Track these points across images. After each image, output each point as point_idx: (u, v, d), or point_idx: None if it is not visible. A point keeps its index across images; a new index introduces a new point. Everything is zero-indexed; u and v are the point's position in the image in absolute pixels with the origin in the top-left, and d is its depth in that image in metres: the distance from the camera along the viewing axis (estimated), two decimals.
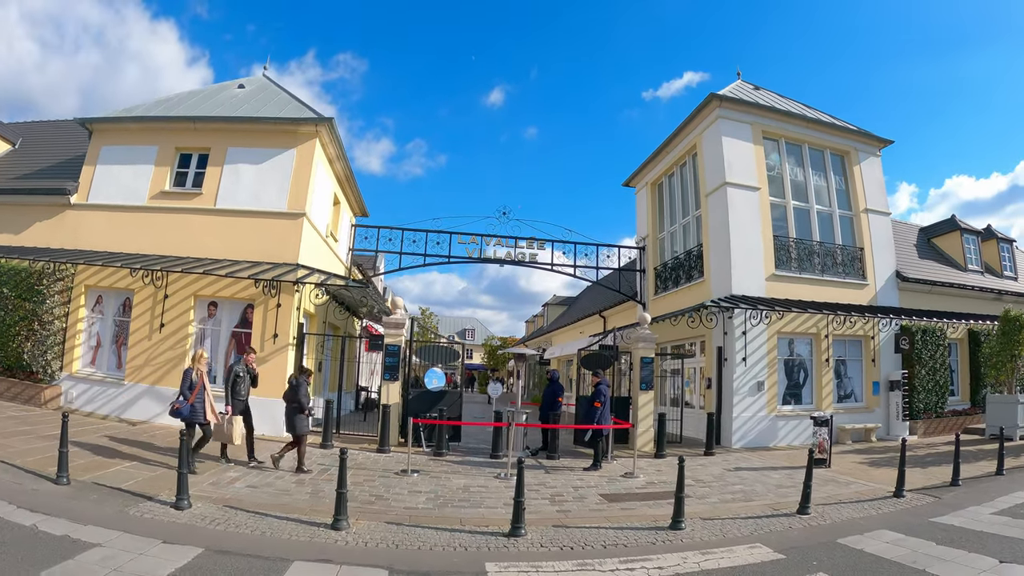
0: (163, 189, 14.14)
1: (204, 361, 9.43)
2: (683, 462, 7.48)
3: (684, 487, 7.36)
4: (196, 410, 9.04)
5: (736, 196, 14.99)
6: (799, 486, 9.59)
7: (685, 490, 7.60)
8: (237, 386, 9.68)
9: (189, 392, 9.00)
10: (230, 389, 9.57)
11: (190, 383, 9.06)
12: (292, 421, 9.70)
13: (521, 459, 6.86)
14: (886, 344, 16.11)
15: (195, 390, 9.04)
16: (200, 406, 9.10)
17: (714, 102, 15.55)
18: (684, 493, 7.34)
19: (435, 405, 12.36)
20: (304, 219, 13.40)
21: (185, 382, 9.08)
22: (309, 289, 13.28)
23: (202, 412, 9.13)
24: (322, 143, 14.45)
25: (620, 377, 15.37)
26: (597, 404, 10.50)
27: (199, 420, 9.08)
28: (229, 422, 9.40)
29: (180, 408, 8.92)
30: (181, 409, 8.91)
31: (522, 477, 6.71)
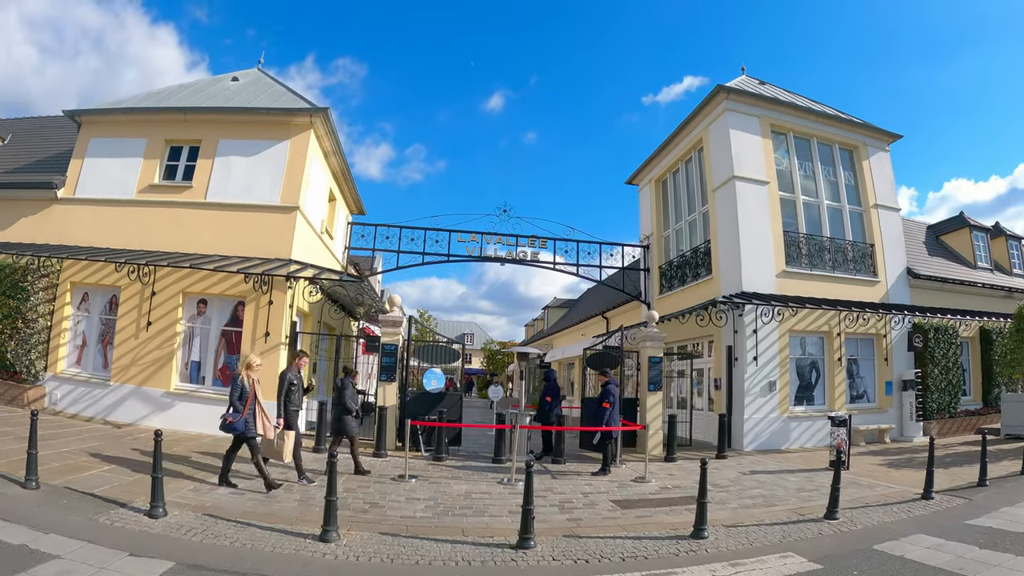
0: (152, 182, 13.49)
1: (256, 368, 8.12)
2: (705, 465, 6.84)
3: (706, 492, 6.67)
4: (249, 423, 7.82)
5: (745, 190, 14.37)
6: (820, 490, 9.16)
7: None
8: (291, 395, 8.52)
9: (241, 403, 7.76)
10: (283, 399, 8.43)
11: (240, 392, 7.82)
12: (340, 423, 9.19)
13: (530, 463, 6.17)
14: (898, 343, 15.48)
15: (247, 401, 7.83)
16: (252, 419, 7.89)
17: (721, 94, 14.96)
18: (706, 499, 6.65)
19: (434, 407, 11.65)
20: (297, 213, 12.73)
21: (235, 392, 7.81)
22: (302, 286, 12.59)
23: (255, 425, 7.93)
24: (317, 135, 13.81)
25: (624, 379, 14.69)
26: (606, 405, 9.82)
27: (251, 434, 7.85)
28: (280, 437, 8.28)
29: (234, 422, 7.64)
30: (235, 423, 7.64)
31: (531, 483, 6.03)
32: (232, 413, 7.69)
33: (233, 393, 7.81)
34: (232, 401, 7.76)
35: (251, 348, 12.00)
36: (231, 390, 7.88)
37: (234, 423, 7.66)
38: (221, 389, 12.36)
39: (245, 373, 7.95)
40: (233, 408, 7.72)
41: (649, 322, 12.77)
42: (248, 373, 7.96)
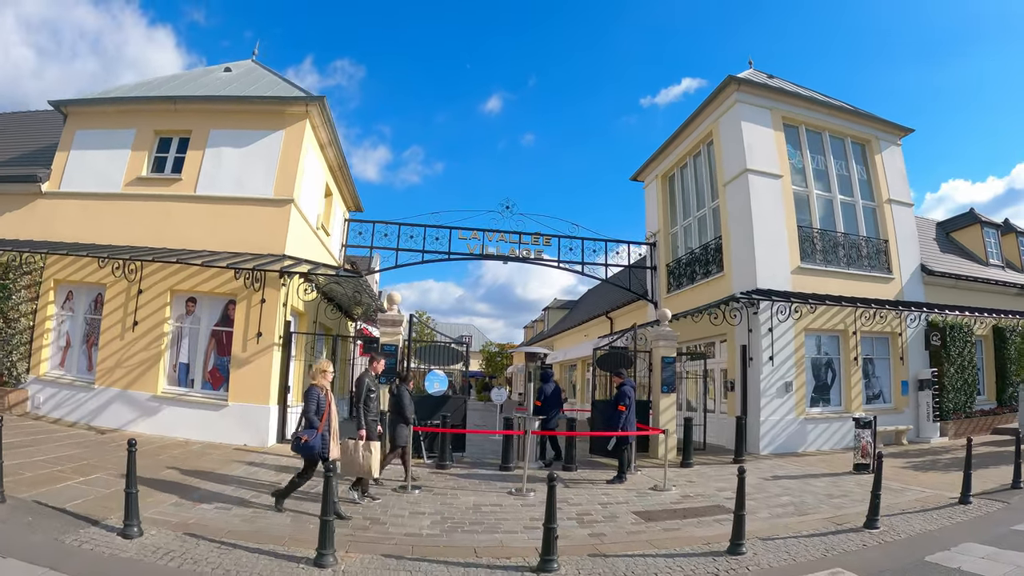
0: (140, 175, 12.72)
1: (329, 376, 6.83)
2: (744, 473, 6.11)
3: (744, 504, 5.96)
4: (325, 441, 6.57)
5: (758, 183, 13.71)
6: (851, 496, 8.59)
7: (727, 503, 6.38)
8: (369, 403, 7.47)
9: (318, 418, 6.51)
10: (363, 407, 7.33)
11: (317, 406, 6.56)
12: (394, 431, 8.45)
13: (553, 476, 5.43)
14: (913, 341, 14.85)
15: (324, 415, 6.57)
16: (328, 436, 6.64)
17: (732, 85, 14.30)
18: (744, 511, 5.95)
19: (437, 411, 10.90)
20: (292, 206, 11.98)
21: (311, 405, 6.53)
22: (296, 284, 11.86)
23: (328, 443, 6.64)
24: (312, 125, 13.07)
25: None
26: (622, 408, 9.09)
27: (325, 455, 6.56)
28: (366, 449, 7.15)
29: (311, 441, 6.41)
30: (312, 443, 6.41)
31: (554, 499, 5.29)
32: (307, 430, 6.44)
33: (310, 406, 6.52)
34: (309, 416, 6.49)
35: (242, 349, 11.25)
36: (307, 403, 6.56)
37: (311, 442, 6.40)
38: (211, 392, 11.62)
39: (320, 382, 6.68)
40: (308, 424, 6.47)
41: (661, 320, 12.07)
42: (322, 382, 6.69)
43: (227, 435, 10.96)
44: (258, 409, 11.02)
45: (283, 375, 11.46)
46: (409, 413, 8.44)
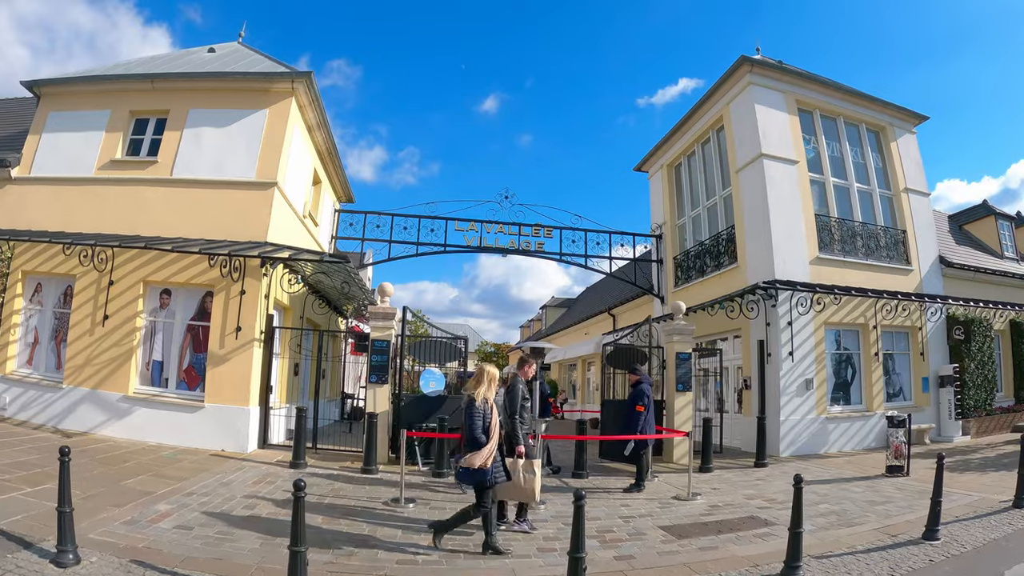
0: (113, 158, 11.58)
1: (496, 385, 5.64)
2: (801, 483, 5.08)
3: (802, 519, 4.96)
4: (497, 464, 5.42)
5: (774, 169, 12.72)
6: (894, 502, 7.70)
7: (760, 512, 5.43)
8: (524, 413, 6.31)
9: (486, 436, 5.29)
10: (518, 419, 6.14)
11: (484, 421, 5.33)
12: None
13: (580, 493, 4.38)
14: (933, 336, 13.92)
15: (492, 432, 5.35)
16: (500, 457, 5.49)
17: (745, 66, 13.32)
18: (801, 527, 4.95)
19: (433, 413, 9.82)
20: (275, 190, 10.87)
21: (476, 422, 5.29)
22: (280, 274, 10.76)
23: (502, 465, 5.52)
24: (299, 105, 11.97)
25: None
26: (640, 408, 8.04)
27: (500, 479, 5.43)
28: (528, 469, 5.87)
29: (486, 467, 5.26)
30: (485, 467, 5.25)
31: (582, 522, 4.24)
32: (475, 452, 5.25)
33: (476, 423, 5.27)
34: (476, 435, 5.26)
35: (219, 345, 10.14)
36: (471, 419, 5.29)
37: (485, 468, 5.23)
38: (186, 393, 10.51)
39: (485, 391, 5.43)
40: (475, 445, 5.26)
41: (675, 314, 11.05)
42: (485, 392, 5.44)
43: (203, 439, 9.86)
44: (237, 411, 9.91)
45: (265, 374, 10.35)
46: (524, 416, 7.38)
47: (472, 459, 5.17)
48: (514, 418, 6.10)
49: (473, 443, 5.25)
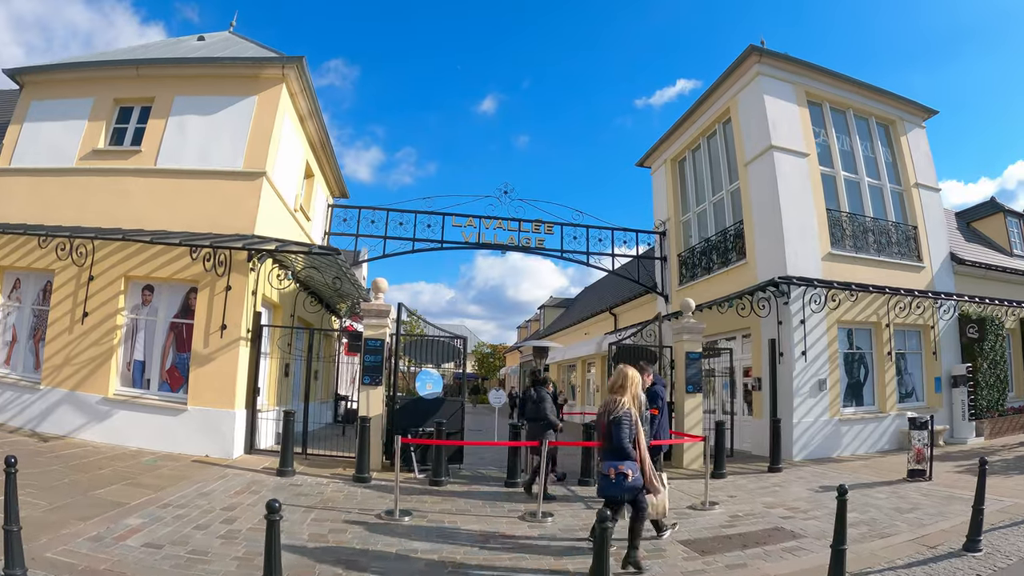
0: (96, 147, 10.92)
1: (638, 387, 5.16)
2: (845, 495, 4.51)
3: (846, 535, 4.40)
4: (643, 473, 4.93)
5: (784, 162, 12.16)
6: (922, 509, 7.17)
7: (784, 523, 4.89)
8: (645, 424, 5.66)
9: (634, 446, 4.82)
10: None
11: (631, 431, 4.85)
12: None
13: (604, 517, 3.76)
14: (945, 334, 13.38)
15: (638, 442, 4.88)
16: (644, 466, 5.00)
17: (753, 56, 12.75)
18: (845, 544, 4.38)
19: (430, 417, 9.18)
20: (264, 180, 10.21)
21: (625, 431, 4.77)
22: (268, 269, 10.11)
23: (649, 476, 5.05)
24: (290, 92, 11.33)
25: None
26: (653, 411, 7.41)
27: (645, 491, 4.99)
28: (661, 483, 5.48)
29: (634, 479, 4.75)
30: (635, 481, 4.75)
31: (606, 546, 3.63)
32: (630, 464, 4.70)
33: (625, 433, 4.75)
34: (625, 445, 4.72)
35: (203, 344, 9.49)
36: (620, 429, 4.73)
37: (634, 480, 4.72)
38: (168, 395, 9.86)
39: (632, 398, 4.96)
40: (625, 455, 4.72)
41: (685, 311, 10.46)
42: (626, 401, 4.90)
43: (187, 444, 9.22)
44: (222, 414, 9.26)
45: (252, 375, 9.70)
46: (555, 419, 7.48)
47: (625, 469, 4.69)
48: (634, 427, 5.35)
49: (621, 454, 4.73)
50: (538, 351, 9.35)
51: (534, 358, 8.98)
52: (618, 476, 4.67)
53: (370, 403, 8.92)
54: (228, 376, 9.32)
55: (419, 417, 9.16)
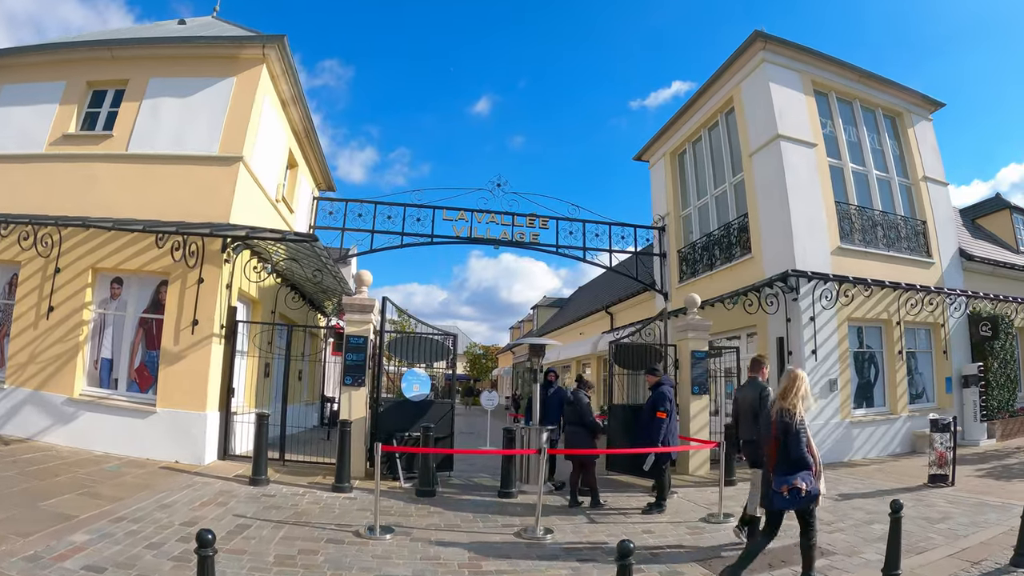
0: (66, 132, 10.15)
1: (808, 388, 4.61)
2: (899, 512, 3.89)
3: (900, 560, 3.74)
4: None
5: (791, 152, 11.52)
6: (953, 518, 6.57)
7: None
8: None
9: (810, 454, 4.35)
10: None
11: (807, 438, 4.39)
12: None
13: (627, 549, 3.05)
14: (955, 333, 12.77)
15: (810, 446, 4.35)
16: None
17: (759, 42, 12.10)
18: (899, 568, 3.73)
19: (417, 420, 8.40)
20: (240, 166, 9.44)
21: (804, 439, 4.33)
22: (244, 262, 9.36)
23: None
24: (271, 75, 10.57)
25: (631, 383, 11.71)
26: (661, 415, 6.71)
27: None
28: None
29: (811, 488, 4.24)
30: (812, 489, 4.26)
31: None
32: (805, 476, 4.20)
33: (803, 442, 4.23)
34: (804, 455, 4.23)
35: (173, 341, 8.72)
36: (800, 439, 4.23)
37: (812, 489, 4.24)
38: (137, 395, 9.08)
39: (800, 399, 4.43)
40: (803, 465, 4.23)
41: (690, 308, 9.76)
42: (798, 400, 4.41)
43: (155, 449, 8.45)
44: (193, 417, 8.48)
45: (226, 374, 8.93)
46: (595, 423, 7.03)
47: (798, 482, 4.18)
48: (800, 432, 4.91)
49: (798, 465, 4.23)
50: (534, 349, 8.57)
51: (530, 357, 8.25)
52: (792, 492, 4.18)
53: (352, 405, 8.15)
54: (199, 376, 8.55)
55: (405, 421, 8.39)
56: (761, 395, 5.53)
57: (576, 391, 7.32)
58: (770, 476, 4.37)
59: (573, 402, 7.12)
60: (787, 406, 4.32)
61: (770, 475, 4.37)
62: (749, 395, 5.73)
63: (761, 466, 5.05)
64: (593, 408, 7.78)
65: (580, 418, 7.04)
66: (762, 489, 4.62)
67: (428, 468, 7.21)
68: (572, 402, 7.14)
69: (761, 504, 4.67)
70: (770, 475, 4.37)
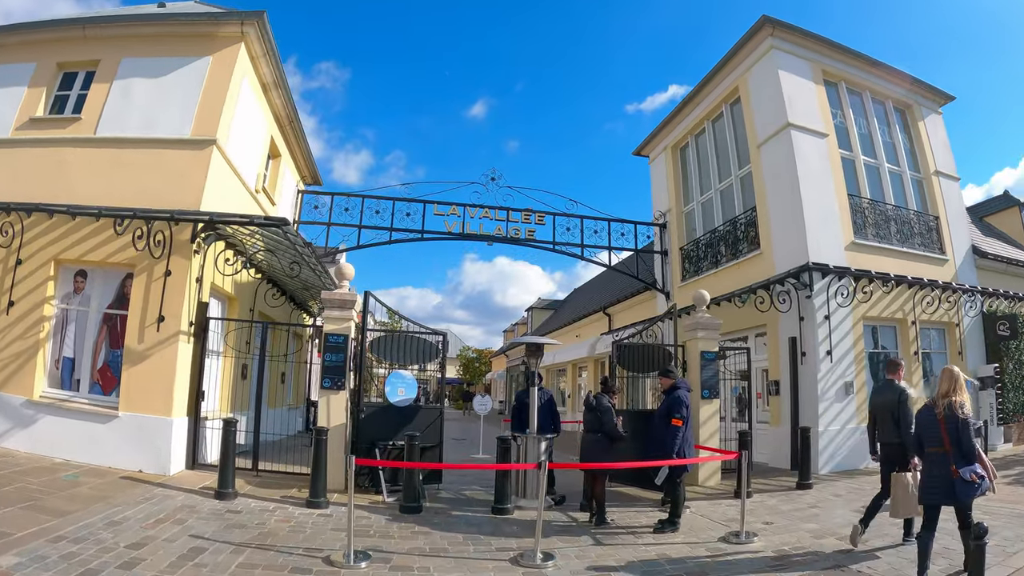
0: (33, 115, 9.33)
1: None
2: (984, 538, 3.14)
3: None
4: None
5: (803, 141, 10.84)
6: (998, 533, 5.75)
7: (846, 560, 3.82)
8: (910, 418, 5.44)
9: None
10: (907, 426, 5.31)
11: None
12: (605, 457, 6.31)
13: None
14: (970, 333, 12.10)
15: None
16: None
17: (767, 27, 11.44)
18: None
19: (402, 428, 7.56)
20: (214, 149, 8.63)
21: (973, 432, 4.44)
22: (217, 253, 8.56)
23: None
24: (250, 55, 9.79)
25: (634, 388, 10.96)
26: (677, 422, 5.94)
27: None
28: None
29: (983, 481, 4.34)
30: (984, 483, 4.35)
31: None
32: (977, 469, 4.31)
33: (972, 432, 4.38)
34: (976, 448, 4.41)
35: (137, 340, 7.90)
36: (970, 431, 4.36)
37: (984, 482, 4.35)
38: (99, 398, 8.27)
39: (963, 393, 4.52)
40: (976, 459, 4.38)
41: (698, 305, 9.01)
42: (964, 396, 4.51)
43: (117, 457, 7.65)
44: (158, 422, 7.66)
45: (196, 376, 8.11)
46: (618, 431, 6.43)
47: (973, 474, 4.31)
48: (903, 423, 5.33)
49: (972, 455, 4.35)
50: (531, 350, 7.79)
51: (526, 358, 7.48)
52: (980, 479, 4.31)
53: (330, 411, 7.32)
54: (165, 377, 7.73)
55: (389, 428, 7.55)
56: (900, 398, 5.46)
57: (599, 395, 6.56)
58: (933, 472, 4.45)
59: (595, 407, 6.36)
60: (954, 401, 4.39)
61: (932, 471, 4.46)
62: (889, 398, 5.58)
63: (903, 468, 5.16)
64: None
65: (600, 425, 6.28)
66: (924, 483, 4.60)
67: (413, 482, 6.39)
68: (594, 407, 6.38)
69: (920, 501, 4.70)
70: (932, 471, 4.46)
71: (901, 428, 5.30)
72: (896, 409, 5.40)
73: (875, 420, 5.77)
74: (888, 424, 5.49)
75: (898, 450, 5.32)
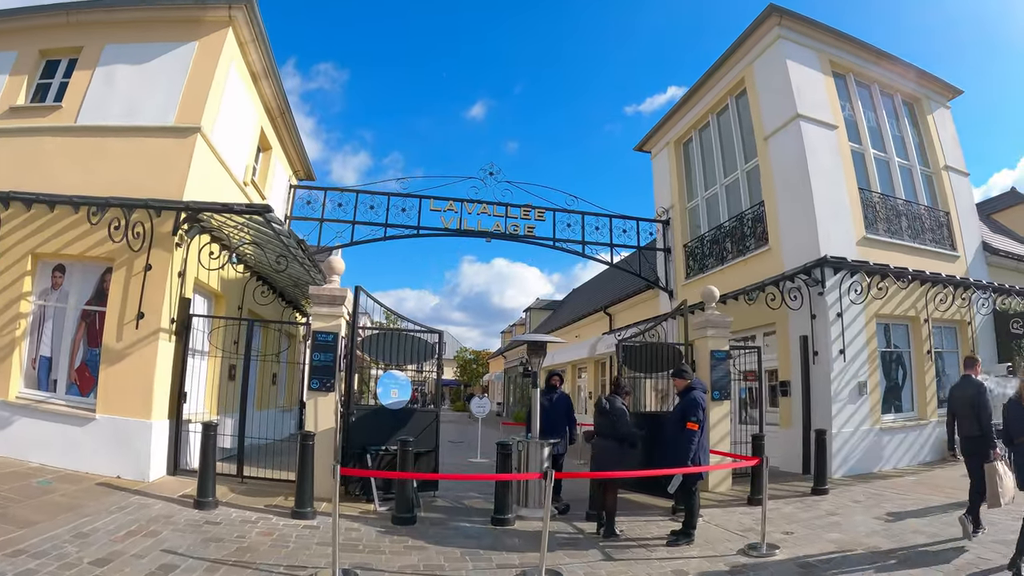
0: (13, 104, 8.84)
1: None
2: None
3: None
4: None
5: (812, 133, 10.42)
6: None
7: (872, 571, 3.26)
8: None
9: None
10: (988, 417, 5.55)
11: None
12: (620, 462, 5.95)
13: None
14: (982, 331, 11.68)
15: None
16: None
17: (774, 16, 11.01)
18: None
19: (396, 432, 7.07)
20: (198, 137, 8.15)
21: None
22: (200, 246, 8.07)
23: None
24: (239, 40, 9.31)
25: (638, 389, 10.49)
26: (692, 426, 5.47)
27: None
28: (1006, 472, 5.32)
29: None
30: None
31: None
32: None
33: None
34: None
35: (116, 338, 7.41)
36: None
37: None
38: (77, 399, 7.78)
39: None
40: None
41: (708, 302, 8.56)
42: None
43: (95, 461, 7.17)
44: (136, 425, 7.17)
45: (177, 376, 7.62)
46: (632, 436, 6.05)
47: None
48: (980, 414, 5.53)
49: None
50: (533, 348, 7.32)
51: (528, 357, 7.01)
52: None
53: (318, 414, 6.80)
54: (144, 377, 7.24)
55: (381, 432, 7.05)
56: (979, 391, 5.63)
57: (612, 397, 6.09)
58: None
59: (608, 411, 5.91)
60: None
61: None
62: (969, 392, 5.72)
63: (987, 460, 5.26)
64: None
65: (614, 429, 5.80)
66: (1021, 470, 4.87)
67: (407, 491, 5.90)
68: (607, 411, 5.91)
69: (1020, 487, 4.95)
70: None
71: (982, 420, 5.45)
72: (976, 402, 5.55)
73: (954, 415, 5.88)
74: (969, 418, 5.60)
75: (980, 442, 5.44)
